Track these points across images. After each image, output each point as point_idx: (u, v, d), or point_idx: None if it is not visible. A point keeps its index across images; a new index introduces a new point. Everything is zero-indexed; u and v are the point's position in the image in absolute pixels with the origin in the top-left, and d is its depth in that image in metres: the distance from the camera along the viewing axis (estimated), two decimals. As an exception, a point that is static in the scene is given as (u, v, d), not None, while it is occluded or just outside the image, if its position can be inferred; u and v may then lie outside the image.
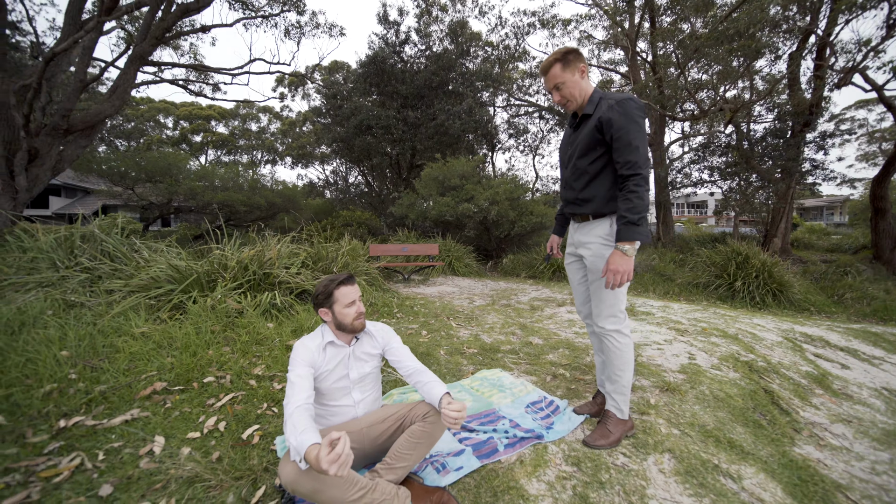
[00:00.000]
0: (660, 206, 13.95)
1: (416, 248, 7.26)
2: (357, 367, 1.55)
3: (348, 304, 1.50)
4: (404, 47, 12.39)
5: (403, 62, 12.35)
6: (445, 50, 12.14)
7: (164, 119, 24.19)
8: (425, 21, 12.55)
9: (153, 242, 3.89)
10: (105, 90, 12.47)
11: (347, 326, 1.51)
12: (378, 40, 12.18)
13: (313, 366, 1.43)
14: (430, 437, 1.36)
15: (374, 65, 11.35)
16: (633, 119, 1.47)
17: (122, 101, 8.77)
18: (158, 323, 2.78)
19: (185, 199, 10.95)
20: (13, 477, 1.41)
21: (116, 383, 2.07)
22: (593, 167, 1.61)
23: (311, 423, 1.16)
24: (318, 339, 1.50)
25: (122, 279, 3.16)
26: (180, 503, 1.32)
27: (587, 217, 1.71)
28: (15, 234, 3.74)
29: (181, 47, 12.77)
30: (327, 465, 0.95)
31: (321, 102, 14.12)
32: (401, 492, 1.27)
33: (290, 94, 19.01)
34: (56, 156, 7.97)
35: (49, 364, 2.07)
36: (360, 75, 11.73)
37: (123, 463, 1.53)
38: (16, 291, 2.86)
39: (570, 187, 1.73)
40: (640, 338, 3.30)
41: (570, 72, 1.58)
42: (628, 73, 13.98)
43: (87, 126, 8.21)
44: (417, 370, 1.52)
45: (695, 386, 2.28)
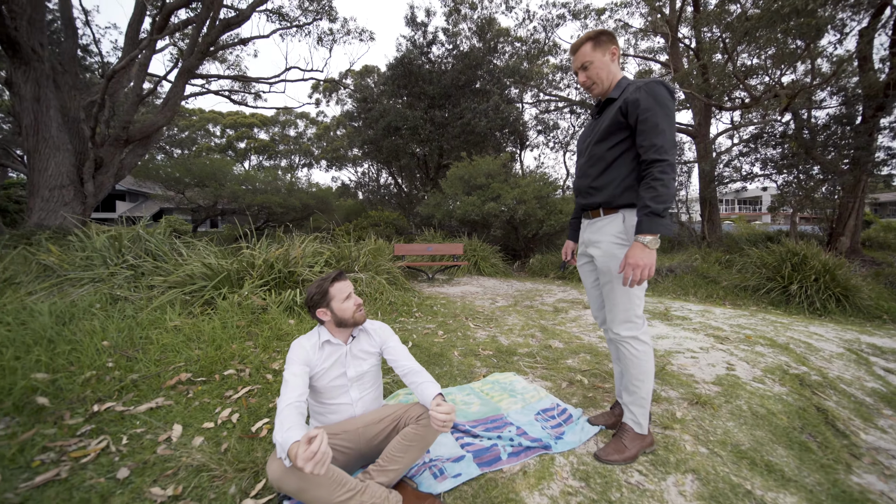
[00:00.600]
0: (705, 202, 12.96)
1: (440, 248, 7.25)
2: (354, 365, 1.54)
3: (345, 297, 1.50)
4: (431, 48, 12.45)
5: (431, 62, 12.42)
6: (472, 48, 12.05)
7: (213, 128, 26.08)
8: (454, 20, 12.53)
9: (190, 241, 4.17)
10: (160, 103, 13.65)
11: (349, 320, 1.50)
12: (406, 42, 12.34)
13: (309, 364, 1.44)
14: (422, 440, 1.31)
15: (401, 67, 11.51)
16: (661, 102, 1.35)
17: (173, 113, 9.53)
18: (190, 317, 2.96)
19: (229, 201, 11.71)
20: (48, 455, 1.54)
21: (147, 372, 2.22)
22: (611, 153, 1.49)
23: (298, 421, 1.15)
24: (315, 338, 1.50)
25: (162, 276, 3.41)
26: (186, 490, 1.38)
27: (598, 211, 1.58)
28: (76, 235, 4.15)
29: (227, 59, 13.69)
30: (303, 462, 0.93)
31: (352, 106, 14.54)
32: (392, 496, 1.24)
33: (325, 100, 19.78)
34: (118, 164, 8.80)
35: (90, 353, 2.26)
36: (389, 77, 11.95)
37: (143, 448, 1.62)
38: (72, 286, 3.18)
39: (585, 175, 1.61)
40: (672, 344, 3.06)
41: (601, 52, 1.48)
42: (669, 62, 13.13)
43: (143, 136, 8.99)
44: (413, 370, 1.48)
45: (730, 400, 2.06)
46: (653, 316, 4.13)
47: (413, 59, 11.41)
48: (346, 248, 4.66)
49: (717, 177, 12.15)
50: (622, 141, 1.46)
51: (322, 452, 0.96)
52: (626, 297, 1.52)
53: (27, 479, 1.40)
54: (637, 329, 1.55)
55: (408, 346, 2.95)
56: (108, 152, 8.41)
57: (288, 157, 26.36)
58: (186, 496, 1.35)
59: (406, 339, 3.11)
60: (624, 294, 1.51)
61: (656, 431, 1.75)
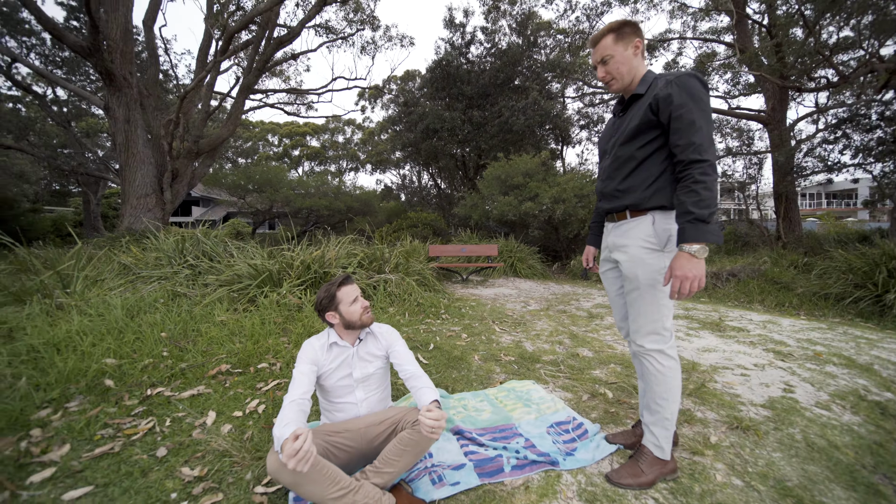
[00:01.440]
0: (780, 197, 11.45)
1: (475, 249, 7.21)
2: (361, 367, 1.59)
3: (352, 301, 1.55)
4: (469, 48, 12.43)
5: (469, 62, 12.40)
6: (511, 45, 11.83)
7: (272, 137, 28.41)
8: (493, 17, 12.40)
9: (240, 244, 4.58)
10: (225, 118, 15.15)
11: (357, 322, 1.55)
12: (444, 45, 12.45)
13: (316, 364, 1.51)
14: (416, 445, 1.32)
15: (439, 69, 11.64)
16: (696, 96, 1.24)
17: (235, 126, 10.53)
18: (235, 313, 3.25)
19: (282, 205, 12.66)
20: (107, 431, 1.78)
21: (194, 362, 2.48)
22: (641, 153, 1.38)
23: (296, 418, 1.22)
24: (324, 339, 1.57)
25: (214, 275, 3.78)
26: (210, 473, 1.52)
27: (624, 214, 1.45)
28: (150, 238, 4.76)
29: (283, 73, 14.82)
30: (286, 458, 0.98)
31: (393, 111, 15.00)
32: (385, 498, 1.26)
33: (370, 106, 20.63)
34: (190, 174, 9.92)
35: (150, 343, 2.58)
36: (428, 80, 12.14)
37: (181, 431, 1.81)
38: (143, 283, 3.65)
39: (610, 177, 1.49)
40: (720, 359, 2.75)
41: (623, 45, 1.38)
42: (735, 42, 11.82)
43: (211, 148, 10.05)
44: (414, 375, 1.49)
45: (781, 427, 1.81)
46: (702, 326, 3.75)
47: (451, 60, 11.48)
48: (379, 249, 4.82)
49: (796, 168, 10.70)
50: (652, 140, 1.35)
51: (305, 451, 1.01)
52: (653, 307, 1.39)
53: (89, 450, 1.63)
54: (664, 342, 1.41)
55: (429, 348, 2.98)
56: (183, 164, 9.52)
57: (336, 162, 27.89)
58: (209, 478, 1.49)
59: (429, 340, 3.14)
60: (652, 303, 1.38)
61: (683, 457, 1.59)
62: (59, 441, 1.67)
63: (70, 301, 2.98)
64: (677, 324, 3.86)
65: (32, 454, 1.57)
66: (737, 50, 11.30)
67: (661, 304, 1.39)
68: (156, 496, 1.38)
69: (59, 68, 12.45)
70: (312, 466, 1.18)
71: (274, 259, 3.93)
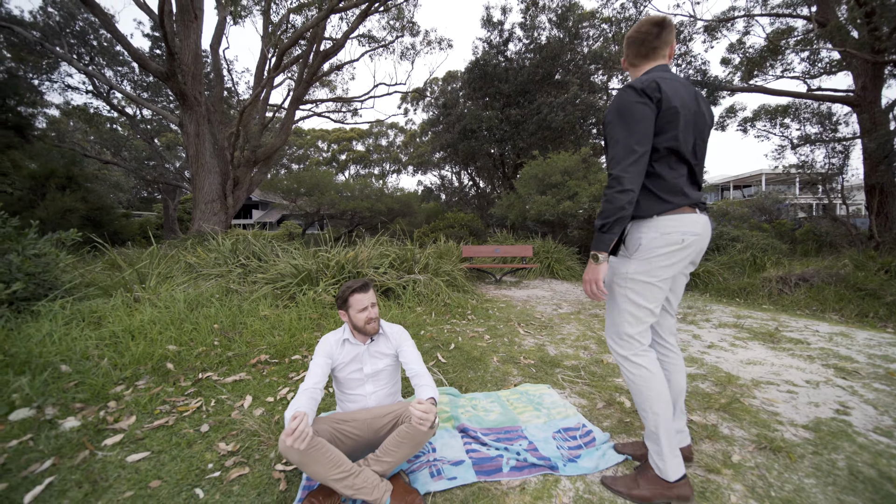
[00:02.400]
0: (873, 190, 9.90)
1: (509, 250, 7.14)
2: (371, 363, 1.70)
3: (360, 309, 1.66)
4: (508, 45, 12.27)
5: (507, 60, 12.25)
6: (550, 39, 11.48)
7: (321, 144, 30.22)
8: (531, 14, 12.13)
9: (285, 246, 4.99)
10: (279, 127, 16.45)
11: (360, 329, 1.67)
12: (482, 44, 12.41)
13: (331, 357, 1.65)
14: (412, 438, 1.40)
15: (477, 69, 11.64)
16: (621, 109, 1.28)
17: (287, 135, 11.39)
18: (276, 309, 3.58)
19: (328, 207, 13.46)
20: (165, 407, 2.08)
21: (239, 352, 2.79)
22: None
23: (306, 404, 1.35)
24: (339, 335, 1.71)
25: (261, 273, 4.18)
26: (241, 449, 1.73)
27: None
28: (211, 240, 5.35)
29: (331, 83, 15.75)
30: (284, 436, 1.11)
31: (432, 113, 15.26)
32: (383, 484, 1.36)
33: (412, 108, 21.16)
34: (249, 181, 10.91)
35: (205, 333, 2.94)
36: (466, 81, 12.21)
37: (223, 411, 2.07)
38: (203, 280, 4.15)
39: None
40: (765, 373, 2.51)
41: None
42: (814, 15, 10.43)
43: (266, 157, 10.96)
44: (417, 374, 1.57)
45: (822, 451, 1.63)
46: (752, 336, 3.42)
47: (489, 59, 11.43)
48: (409, 250, 4.98)
49: (891, 155, 9.19)
50: None
51: (300, 431, 1.14)
52: (614, 310, 1.43)
53: (149, 422, 1.92)
54: (628, 349, 1.40)
55: (450, 347, 3.05)
56: (242, 172, 10.51)
57: (380, 165, 28.96)
58: (239, 453, 1.69)
59: (451, 340, 3.21)
60: (613, 307, 1.44)
61: (696, 474, 1.50)
62: (127, 413, 1.99)
63: (145, 295, 3.48)
64: (722, 332, 3.55)
65: (108, 422, 1.90)
66: (817, 24, 9.98)
67: (621, 308, 1.39)
68: (196, 465, 1.61)
69: (145, 91, 14.36)
70: (316, 450, 1.31)
71: (312, 259, 4.24)
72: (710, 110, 1.39)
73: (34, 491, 1.42)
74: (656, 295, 1.34)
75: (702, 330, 3.66)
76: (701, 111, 1.34)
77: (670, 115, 1.25)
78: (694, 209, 1.32)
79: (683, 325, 3.80)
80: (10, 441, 1.69)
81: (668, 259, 1.30)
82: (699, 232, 1.32)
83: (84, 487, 1.45)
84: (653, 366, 1.36)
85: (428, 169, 22.83)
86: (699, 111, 1.33)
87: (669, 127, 1.26)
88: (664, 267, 1.31)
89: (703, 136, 1.36)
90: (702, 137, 1.35)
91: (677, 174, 1.31)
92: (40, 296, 3.23)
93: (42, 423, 1.83)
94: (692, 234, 1.30)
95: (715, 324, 3.88)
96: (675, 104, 1.25)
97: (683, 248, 1.30)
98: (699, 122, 1.33)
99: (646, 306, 1.34)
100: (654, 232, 1.30)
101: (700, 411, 1.97)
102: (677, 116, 1.25)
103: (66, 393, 2.09)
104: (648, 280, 1.32)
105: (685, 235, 1.29)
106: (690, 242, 1.30)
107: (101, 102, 13.90)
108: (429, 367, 2.66)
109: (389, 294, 4.28)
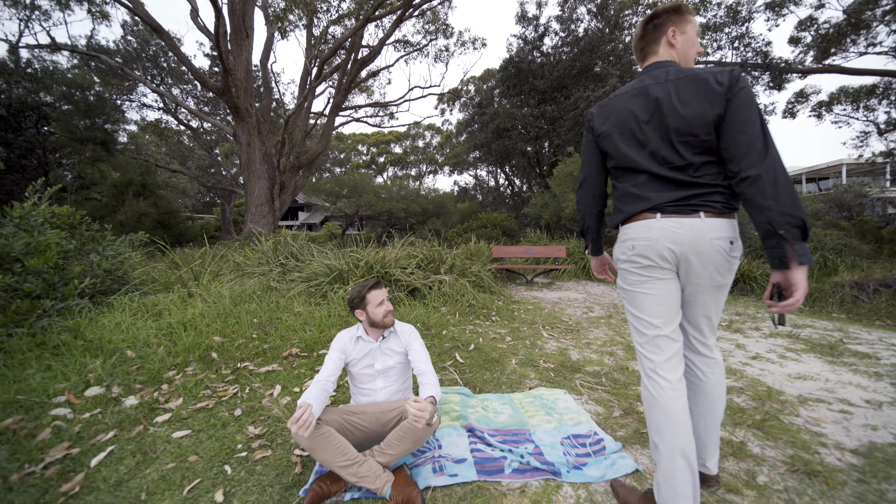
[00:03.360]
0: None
1: (541, 251, 6.99)
2: (382, 360, 1.79)
3: (378, 304, 1.76)
4: (543, 40, 11.97)
5: (543, 55, 11.96)
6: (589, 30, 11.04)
7: (362, 147, 31.42)
8: (570, 5, 11.73)
9: (320, 247, 5.30)
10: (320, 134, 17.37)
11: (379, 323, 1.77)
12: (516, 41, 12.22)
13: (345, 352, 1.76)
14: (413, 434, 1.45)
15: (511, 66, 11.49)
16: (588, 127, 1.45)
17: (327, 141, 12.00)
18: (310, 306, 3.82)
19: (366, 209, 13.99)
20: (207, 391, 2.32)
21: (274, 345, 3.02)
22: None
23: (317, 395, 1.46)
24: (353, 333, 1.82)
25: (298, 272, 4.47)
26: (267, 433, 1.89)
27: None
28: (256, 241, 5.81)
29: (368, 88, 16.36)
30: (289, 424, 1.22)
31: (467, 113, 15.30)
32: (385, 475, 1.43)
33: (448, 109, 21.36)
34: (293, 185, 11.65)
35: (245, 326, 3.22)
36: (499, 79, 12.10)
37: (255, 398, 2.26)
38: (248, 278, 4.53)
39: None
40: (816, 389, 2.26)
41: None
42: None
43: (309, 162, 11.63)
44: (423, 372, 1.63)
45: (869, 480, 1.45)
46: (809, 348, 3.08)
47: (523, 56, 11.24)
48: (437, 251, 5.06)
49: None
50: None
51: (304, 420, 1.24)
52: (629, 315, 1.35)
53: (193, 404, 2.16)
54: (641, 362, 1.29)
55: (469, 348, 3.07)
56: (287, 177, 11.24)
57: (417, 167, 29.50)
58: (264, 437, 1.86)
59: (471, 341, 3.23)
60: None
61: (712, 492, 1.40)
62: (176, 395, 2.25)
63: (198, 291, 3.88)
64: (772, 343, 3.24)
65: (160, 402, 2.16)
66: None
67: (628, 318, 1.35)
68: (228, 444, 1.79)
69: (206, 105, 15.86)
70: (324, 438, 1.41)
71: (343, 259, 4.46)
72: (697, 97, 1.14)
73: (98, 457, 1.66)
74: (647, 304, 1.24)
75: (748, 339, 3.35)
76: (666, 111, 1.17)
77: (603, 139, 1.33)
78: (654, 214, 1.20)
79: (727, 334, 3.51)
80: (84, 413, 1.99)
81: (629, 265, 1.27)
82: (654, 236, 1.19)
83: (136, 457, 1.68)
84: (660, 394, 1.20)
85: (464, 169, 22.90)
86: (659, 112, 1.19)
87: (609, 147, 1.32)
88: (631, 273, 1.27)
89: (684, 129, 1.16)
90: (680, 132, 1.16)
91: (632, 183, 1.27)
92: (114, 290, 3.73)
93: (109, 400, 2.13)
94: (644, 239, 1.21)
95: (765, 333, 3.54)
96: (606, 127, 1.31)
97: (637, 255, 1.23)
98: (662, 121, 1.18)
99: (641, 316, 1.26)
100: (618, 242, 1.34)
101: (729, 427, 1.83)
102: (610, 137, 1.31)
103: (130, 375, 2.40)
104: (629, 288, 1.29)
105: (634, 241, 1.23)
106: (641, 248, 1.21)
107: (170, 118, 15.56)
108: (446, 366, 2.71)
109: (415, 294, 4.39)
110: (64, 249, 3.54)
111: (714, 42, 10.65)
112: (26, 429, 1.81)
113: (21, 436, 1.76)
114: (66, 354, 2.54)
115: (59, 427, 1.85)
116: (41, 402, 2.04)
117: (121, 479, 1.54)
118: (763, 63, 10.11)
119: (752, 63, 10.12)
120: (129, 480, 1.54)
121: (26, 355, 2.46)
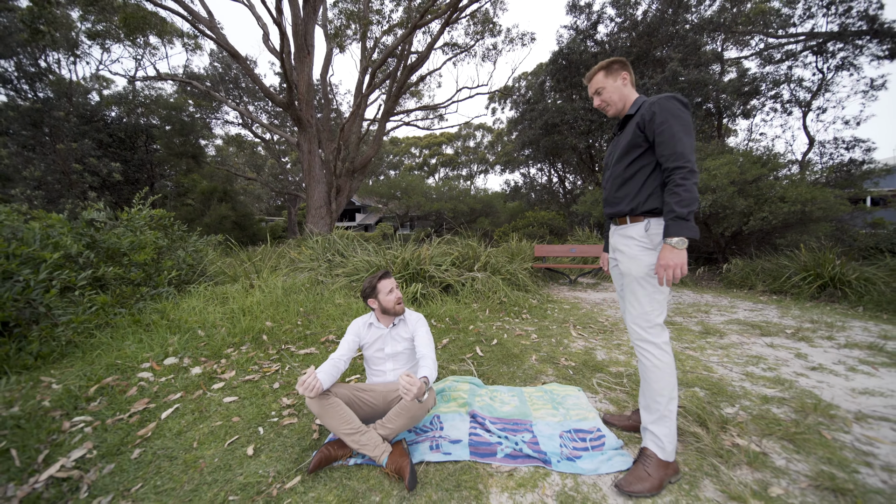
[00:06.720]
0: None
1: (586, 250, 6.69)
2: (391, 345, 1.95)
3: (388, 292, 1.93)
4: (597, 28, 11.33)
5: (598, 44, 11.33)
6: (648, 13, 10.23)
7: (414, 150, 32.48)
8: (627, -12, 10.97)
9: (364, 243, 5.68)
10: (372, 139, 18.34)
11: (391, 310, 1.94)
12: (566, 32, 11.72)
13: (358, 336, 1.95)
14: (408, 411, 1.59)
15: (560, 58, 11.07)
16: (675, 113, 1.43)
17: (379, 146, 12.68)
18: (349, 298, 4.15)
19: (415, 209, 14.49)
20: (254, 367, 2.69)
21: (314, 331, 3.37)
22: (633, 166, 1.56)
23: (326, 367, 1.68)
24: (367, 319, 2.00)
25: (342, 268, 4.87)
26: (296, 404, 2.16)
27: (624, 219, 1.59)
28: (309, 239, 6.41)
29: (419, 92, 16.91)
30: (298, 385, 1.42)
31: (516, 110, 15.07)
32: (383, 445, 1.59)
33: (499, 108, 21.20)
34: (348, 188, 12.50)
35: (293, 314, 3.62)
36: (549, 73, 11.74)
37: (293, 375, 2.57)
38: (300, 272, 5.04)
39: (611, 187, 1.66)
40: (884, 406, 1.95)
41: (612, 78, 1.63)
42: None
43: (362, 166, 12.40)
44: (423, 356, 1.76)
45: None
46: (892, 362, 2.61)
47: (574, 47, 10.75)
48: (472, 248, 5.14)
49: None
50: (641, 155, 1.53)
51: (309, 382, 1.45)
52: (646, 300, 1.50)
53: (243, 377, 2.53)
54: (657, 336, 1.50)
55: (492, 343, 3.12)
56: (343, 181, 12.10)
57: (468, 167, 29.70)
58: (294, 407, 2.13)
59: (494, 336, 3.27)
60: (643, 296, 1.51)
61: (714, 499, 1.32)
62: (230, 368, 2.64)
63: (258, 282, 4.43)
64: (845, 353, 2.79)
65: (217, 373, 2.56)
66: None
67: (652, 298, 1.50)
68: (264, 411, 2.09)
69: (276, 119, 17.68)
70: (332, 406, 1.60)
71: (382, 256, 4.76)
72: None
73: (167, 412, 2.05)
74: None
75: (814, 348, 2.93)
76: None
77: None
78: None
79: (789, 342, 3.10)
80: (161, 377, 2.45)
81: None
82: None
83: (195, 415, 2.04)
84: (671, 360, 1.49)
85: (515, 167, 22.54)
86: None
87: None
88: None
89: None
90: None
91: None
92: (193, 280, 4.41)
93: (180, 369, 2.59)
94: None
95: (840, 342, 3.05)
96: None
97: None
98: None
99: (666, 293, 1.50)
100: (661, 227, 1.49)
101: (755, 437, 1.67)
102: None
103: (198, 350, 2.87)
104: None
105: None
106: None
107: (247, 131, 17.61)
108: (465, 359, 2.79)
109: (449, 290, 4.53)
110: (159, 246, 4.28)
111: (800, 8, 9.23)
112: (120, 386, 2.29)
113: (116, 391, 2.23)
114: (154, 331, 3.11)
115: (143, 387, 2.31)
116: (133, 367, 2.54)
117: (181, 430, 1.90)
118: (870, 29, 8.51)
119: (853, 31, 8.58)
120: (187, 432, 1.88)
121: (126, 330, 3.07)
